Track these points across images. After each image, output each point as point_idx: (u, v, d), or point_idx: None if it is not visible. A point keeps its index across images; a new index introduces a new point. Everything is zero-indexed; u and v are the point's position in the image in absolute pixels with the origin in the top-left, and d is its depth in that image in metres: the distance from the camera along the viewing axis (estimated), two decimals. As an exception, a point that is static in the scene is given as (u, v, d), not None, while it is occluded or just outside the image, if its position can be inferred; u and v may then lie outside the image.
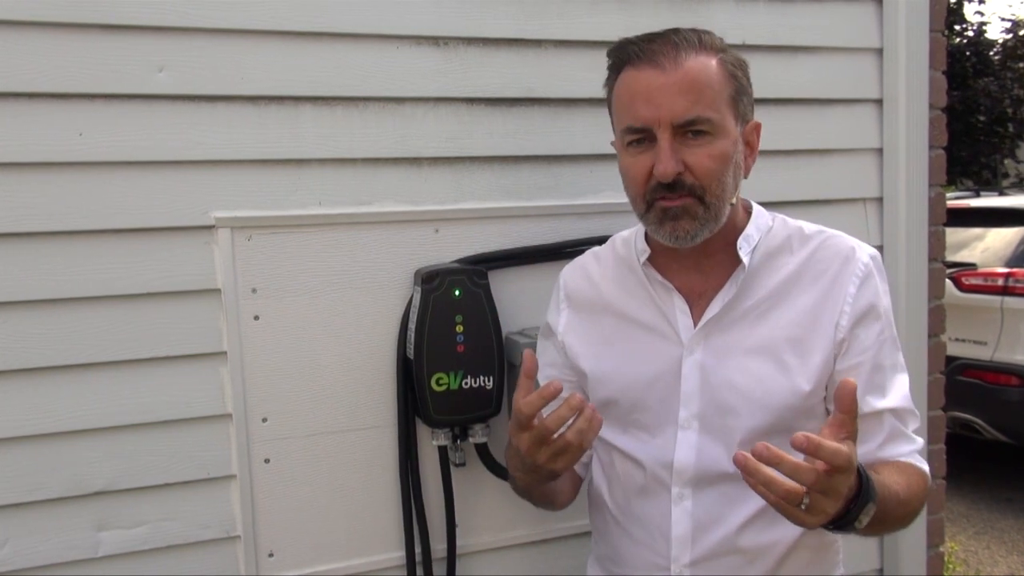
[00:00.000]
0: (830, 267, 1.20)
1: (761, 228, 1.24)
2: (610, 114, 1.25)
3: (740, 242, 1.21)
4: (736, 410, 1.19)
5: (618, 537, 1.31)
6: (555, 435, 1.04)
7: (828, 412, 1.20)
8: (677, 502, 1.22)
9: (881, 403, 1.19)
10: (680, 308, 1.23)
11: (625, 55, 1.18)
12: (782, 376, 1.18)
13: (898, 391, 1.21)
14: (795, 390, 1.17)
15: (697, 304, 1.23)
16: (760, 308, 1.21)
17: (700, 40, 1.15)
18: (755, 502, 1.17)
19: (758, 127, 1.22)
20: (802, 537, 1.21)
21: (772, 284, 1.21)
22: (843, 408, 0.95)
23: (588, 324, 1.32)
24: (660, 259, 1.26)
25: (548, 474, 1.11)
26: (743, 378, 1.19)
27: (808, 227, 1.25)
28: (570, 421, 1.04)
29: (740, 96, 1.16)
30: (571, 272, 1.38)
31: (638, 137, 1.16)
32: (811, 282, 1.20)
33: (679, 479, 1.22)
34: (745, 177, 1.21)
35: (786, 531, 1.19)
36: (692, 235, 1.15)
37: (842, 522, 0.98)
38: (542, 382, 1.31)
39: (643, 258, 1.26)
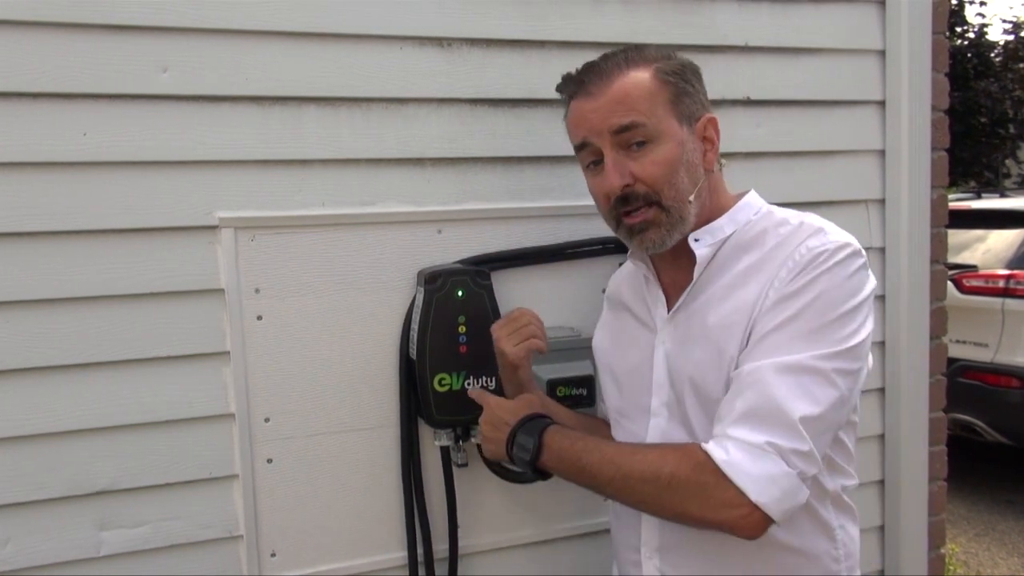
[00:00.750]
0: (779, 255, 1.18)
1: (738, 221, 1.25)
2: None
3: (698, 234, 1.23)
4: (689, 397, 1.23)
5: (614, 518, 1.44)
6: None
7: None
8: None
9: (747, 365, 1.13)
10: (659, 299, 1.31)
11: (566, 91, 1.30)
12: (719, 363, 1.18)
13: (772, 384, 1.09)
14: (729, 378, 1.17)
15: (675, 296, 1.29)
16: (715, 298, 1.22)
17: (628, 58, 1.22)
18: None
19: (712, 121, 1.24)
20: (784, 537, 1.19)
21: (730, 275, 1.22)
22: None
23: (611, 321, 1.45)
24: (655, 256, 1.33)
25: (510, 365, 1.40)
26: (692, 366, 1.22)
27: (792, 220, 1.23)
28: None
29: (680, 98, 1.21)
30: (614, 275, 1.52)
31: (591, 158, 1.26)
32: (762, 271, 1.19)
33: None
34: (711, 170, 1.25)
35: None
36: (660, 243, 1.23)
37: (514, 457, 1.28)
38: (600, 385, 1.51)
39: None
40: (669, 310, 1.30)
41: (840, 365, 1.10)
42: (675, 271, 1.30)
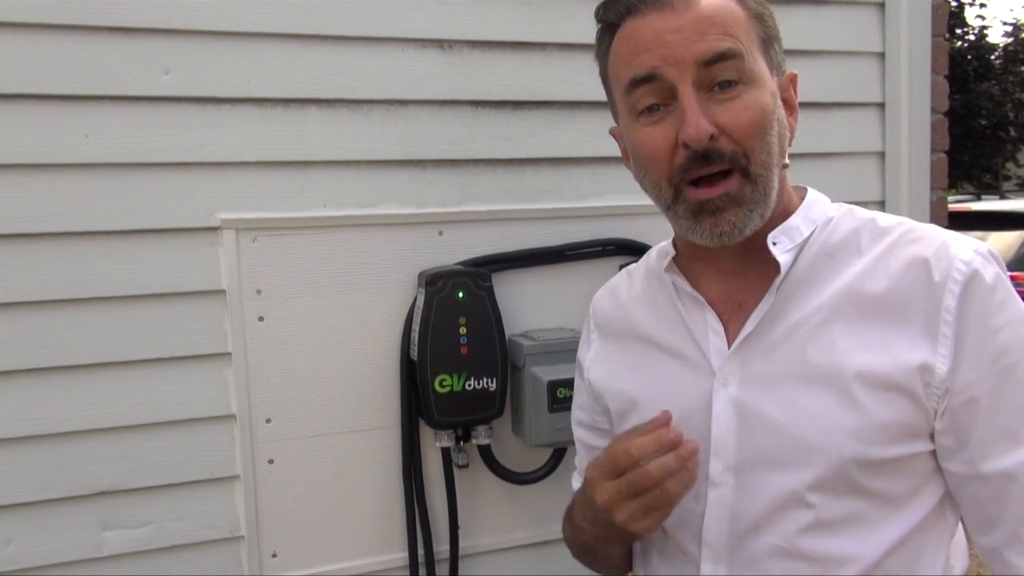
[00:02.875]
0: (914, 269, 0.89)
1: (815, 219, 0.95)
2: (607, 90, 1.02)
3: (775, 236, 0.93)
4: (782, 460, 0.90)
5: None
6: (653, 487, 0.86)
7: (939, 470, 0.90)
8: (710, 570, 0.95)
9: (1003, 461, 0.85)
10: (712, 327, 0.97)
11: (622, 6, 0.92)
12: (847, 412, 0.87)
13: None
14: (864, 434, 0.86)
15: (735, 319, 0.96)
16: (813, 322, 0.91)
17: None
18: None
19: (794, 79, 0.97)
20: None
21: (831, 292, 0.91)
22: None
23: (616, 354, 1.09)
24: (690, 263, 1.01)
25: (623, 535, 0.92)
26: (792, 416, 0.89)
27: (884, 218, 0.95)
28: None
29: (772, 41, 0.93)
30: (601, 295, 1.16)
31: (650, 99, 0.90)
32: (885, 289, 0.89)
33: (709, 550, 0.94)
34: (792, 134, 0.97)
35: None
36: (740, 228, 0.90)
37: None
38: (573, 426, 1.20)
39: (666, 261, 1.01)
40: (729, 339, 0.95)
41: None
42: (730, 285, 0.97)
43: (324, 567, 1.60)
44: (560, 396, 1.58)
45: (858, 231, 0.94)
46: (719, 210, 0.89)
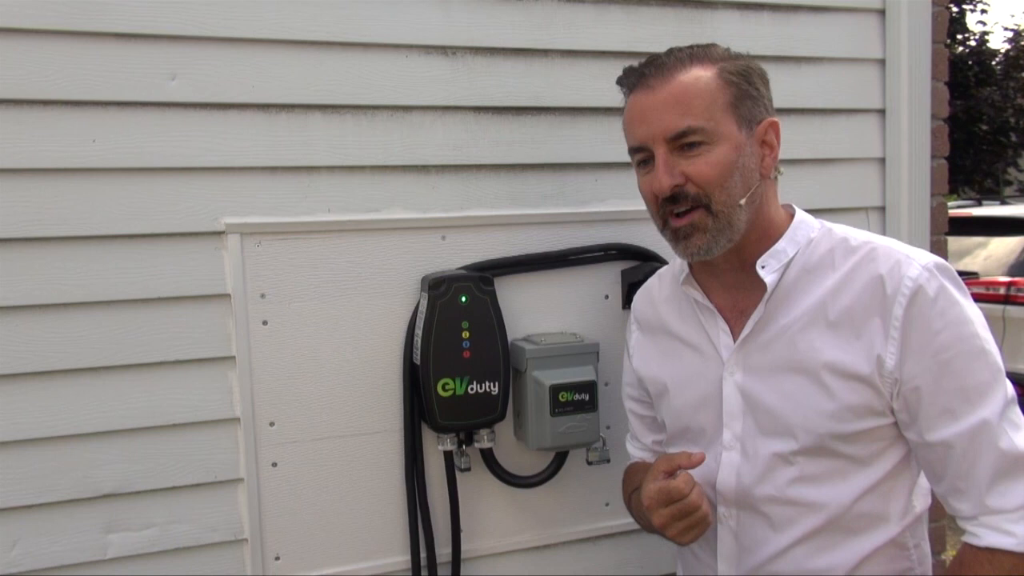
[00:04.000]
0: (872, 284, 1.13)
1: (799, 241, 1.20)
2: None
3: (764, 260, 1.19)
4: (774, 431, 1.18)
5: (682, 551, 1.37)
6: (694, 511, 1.15)
7: (903, 438, 1.17)
8: (723, 522, 1.25)
9: (942, 433, 1.10)
10: (722, 328, 1.25)
11: (626, 83, 1.24)
12: (822, 397, 1.15)
13: (994, 439, 1.07)
14: (835, 413, 1.14)
15: (738, 322, 1.24)
16: (796, 327, 1.17)
17: (692, 54, 1.18)
18: (802, 527, 1.17)
19: (774, 125, 1.20)
20: (868, 562, 1.17)
21: (810, 301, 1.17)
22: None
23: (651, 345, 1.40)
24: (702, 276, 1.29)
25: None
26: (780, 399, 1.18)
27: (855, 237, 1.19)
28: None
29: (741, 101, 1.16)
30: (639, 294, 1.47)
31: (642, 157, 1.22)
32: (851, 299, 1.14)
33: (723, 500, 1.25)
34: (769, 176, 1.20)
35: (844, 555, 1.17)
36: (705, 250, 1.18)
37: None
38: (624, 399, 1.53)
39: (683, 276, 1.30)
40: (735, 338, 1.24)
41: (1006, 379, 1.12)
42: (734, 295, 1.25)
43: (327, 570, 1.61)
44: (562, 400, 1.59)
45: (832, 250, 1.18)
46: (688, 236, 1.18)
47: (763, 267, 1.19)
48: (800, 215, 1.24)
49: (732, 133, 1.16)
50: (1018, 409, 1.10)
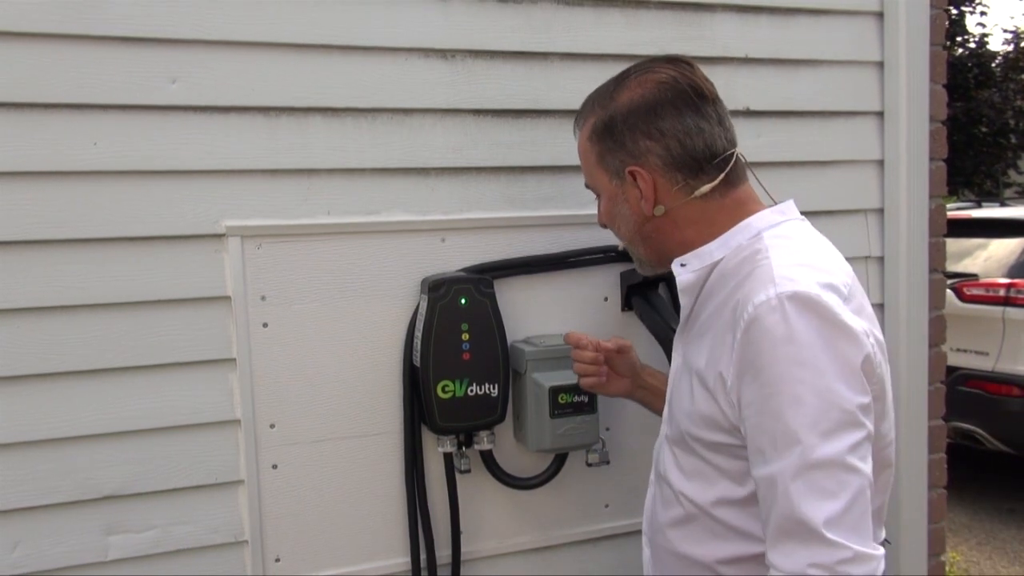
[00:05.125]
0: (731, 305, 1.13)
1: (729, 246, 1.20)
2: None
3: (686, 259, 1.22)
4: (670, 417, 1.28)
5: None
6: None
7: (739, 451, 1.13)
8: (651, 484, 1.36)
9: (755, 471, 1.08)
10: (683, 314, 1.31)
11: None
12: (687, 397, 1.20)
13: (789, 494, 1.02)
14: (691, 415, 1.19)
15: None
16: (702, 328, 1.21)
17: (585, 111, 1.31)
18: (675, 511, 1.24)
19: (634, 174, 1.22)
20: (727, 566, 1.17)
21: (711, 308, 1.20)
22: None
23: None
24: None
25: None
26: (674, 387, 1.28)
27: (765, 252, 1.14)
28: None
29: (603, 157, 1.27)
30: None
31: None
32: (725, 314, 1.15)
33: (654, 464, 1.36)
34: (650, 216, 1.23)
35: (704, 551, 1.19)
36: (639, 270, 1.37)
37: None
38: None
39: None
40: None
41: (847, 441, 1.01)
42: None
43: (327, 571, 1.61)
44: (561, 402, 1.59)
45: (743, 261, 1.17)
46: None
47: (683, 264, 1.23)
48: (751, 220, 1.20)
49: (605, 185, 1.29)
50: (836, 473, 1.00)
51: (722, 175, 1.21)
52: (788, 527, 1.02)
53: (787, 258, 1.12)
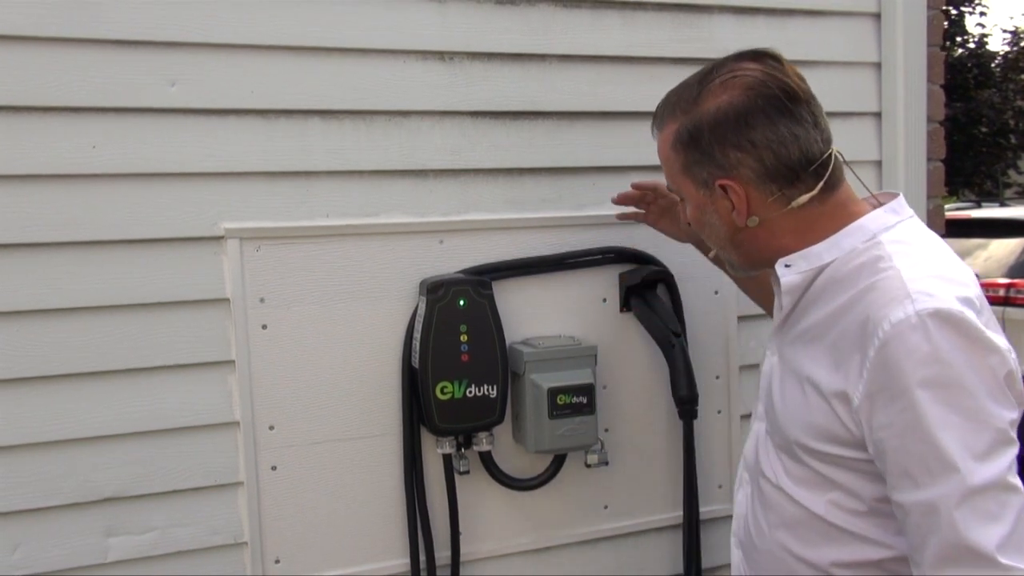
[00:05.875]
0: (858, 320, 1.06)
1: (842, 248, 1.12)
2: None
3: (792, 259, 1.15)
4: (772, 421, 1.21)
5: None
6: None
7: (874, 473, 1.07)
8: (743, 485, 1.30)
9: (902, 496, 1.02)
10: (778, 309, 1.24)
11: None
12: (800, 406, 1.14)
13: (953, 521, 0.97)
14: (804, 426, 1.12)
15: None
16: (810, 335, 1.15)
17: (664, 112, 1.22)
18: (784, 514, 1.17)
19: (726, 187, 1.14)
20: (844, 569, 1.13)
21: (821, 314, 1.13)
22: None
23: None
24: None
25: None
26: (780, 394, 1.19)
27: (890, 257, 1.08)
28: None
29: (690, 167, 1.18)
30: None
31: None
32: (845, 328, 1.08)
33: (745, 464, 1.30)
34: (743, 227, 1.16)
35: (819, 555, 1.13)
36: (731, 269, 1.29)
37: None
38: None
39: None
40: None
41: (1004, 461, 0.97)
42: None
43: (326, 573, 1.62)
44: (560, 403, 1.59)
45: (861, 267, 1.10)
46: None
47: (788, 265, 1.15)
48: (863, 221, 1.14)
49: (692, 194, 1.20)
50: (998, 495, 0.97)
51: (821, 183, 1.13)
52: (955, 555, 0.97)
53: (916, 269, 1.05)
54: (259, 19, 1.52)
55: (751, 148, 1.12)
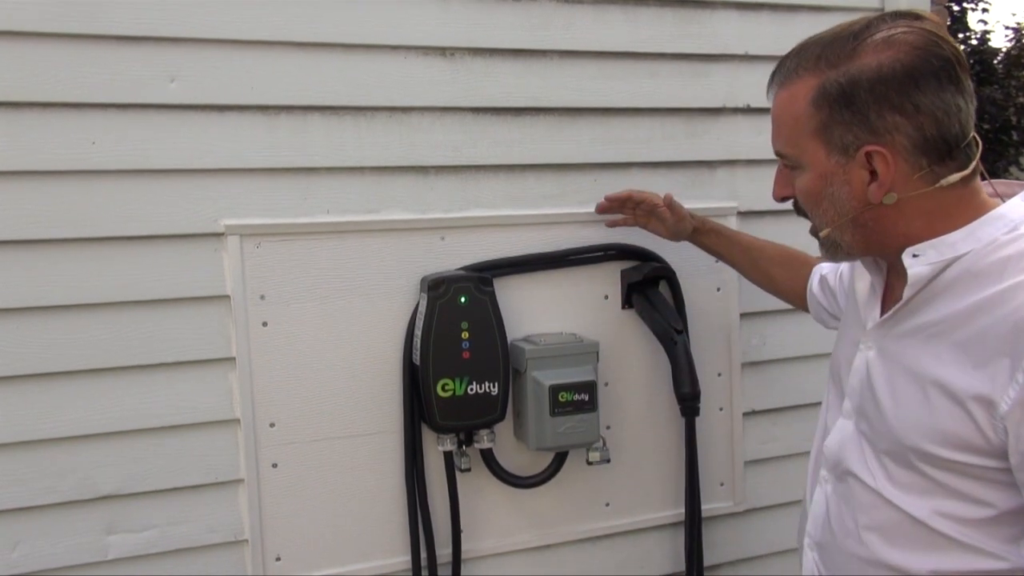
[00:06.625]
0: (1009, 320, 0.97)
1: (980, 239, 1.02)
2: None
3: (920, 248, 1.05)
4: (875, 422, 1.12)
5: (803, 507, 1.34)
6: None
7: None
8: (821, 483, 1.23)
9: None
10: (877, 298, 1.16)
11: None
12: (923, 411, 1.04)
13: None
14: (928, 432, 1.03)
15: (891, 304, 1.14)
16: (932, 330, 1.05)
17: (801, 61, 1.08)
18: (879, 517, 1.11)
19: (873, 154, 1.03)
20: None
21: (950, 310, 1.03)
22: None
23: (846, 279, 1.37)
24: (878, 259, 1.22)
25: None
26: (889, 394, 1.09)
27: None
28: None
29: (830, 128, 1.05)
30: None
31: None
32: (987, 327, 0.99)
33: (826, 462, 1.22)
34: (879, 202, 1.05)
35: (920, 561, 1.07)
36: (827, 256, 1.16)
37: None
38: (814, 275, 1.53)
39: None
40: (882, 315, 1.14)
41: None
42: (898, 276, 1.12)
43: (327, 570, 1.61)
44: (562, 400, 1.59)
45: (1008, 260, 1.00)
46: (819, 246, 1.16)
47: (916, 255, 1.05)
48: (1003, 209, 1.04)
49: (818, 161, 1.07)
50: None
51: (973, 163, 1.03)
52: None
53: None
54: (260, 15, 1.51)
55: (913, 113, 1.00)
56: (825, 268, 1.49)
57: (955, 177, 1.02)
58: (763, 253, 1.65)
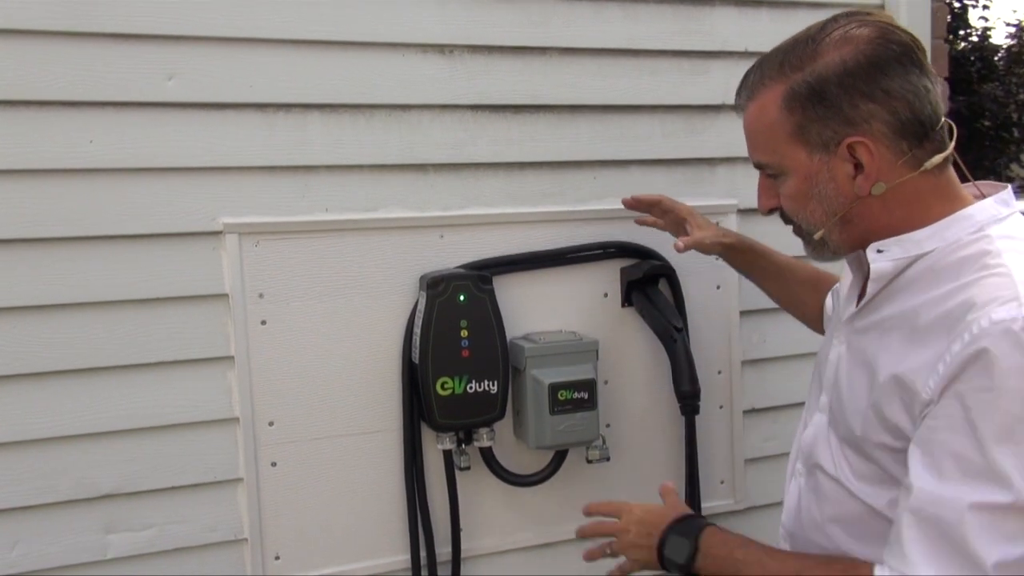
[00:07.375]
0: (951, 314, 0.99)
1: (945, 238, 1.04)
2: None
3: (885, 244, 1.07)
4: (837, 413, 1.15)
5: None
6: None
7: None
8: (796, 476, 1.25)
9: (927, 483, 0.96)
10: (852, 298, 1.18)
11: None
12: (867, 401, 1.07)
13: (963, 522, 0.92)
14: (870, 419, 1.06)
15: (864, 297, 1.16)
16: (888, 324, 1.08)
17: (763, 75, 1.10)
18: (841, 508, 1.13)
19: (855, 146, 1.04)
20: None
21: (907, 305, 1.06)
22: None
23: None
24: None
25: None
26: (848, 385, 1.13)
27: (999, 255, 1.01)
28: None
29: (806, 127, 1.06)
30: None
31: None
32: (933, 320, 1.01)
33: (801, 455, 1.24)
34: (865, 196, 1.06)
35: (882, 552, 1.04)
36: (815, 258, 1.19)
37: (665, 561, 1.20)
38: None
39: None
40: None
41: None
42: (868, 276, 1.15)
43: (327, 569, 1.61)
44: (561, 398, 1.59)
45: (965, 260, 1.03)
46: (804, 246, 1.18)
47: (880, 251, 1.07)
48: (971, 211, 1.06)
49: (800, 163, 1.08)
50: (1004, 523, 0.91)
51: (952, 144, 1.05)
52: (950, 555, 0.93)
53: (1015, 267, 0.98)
54: (258, 13, 1.51)
55: (885, 98, 1.02)
56: (837, 286, 1.45)
57: (938, 158, 1.04)
58: (795, 275, 1.58)
